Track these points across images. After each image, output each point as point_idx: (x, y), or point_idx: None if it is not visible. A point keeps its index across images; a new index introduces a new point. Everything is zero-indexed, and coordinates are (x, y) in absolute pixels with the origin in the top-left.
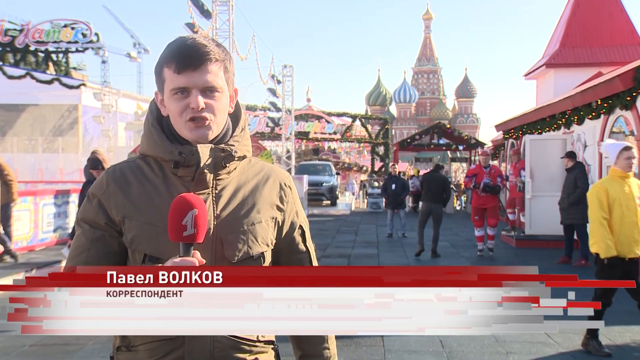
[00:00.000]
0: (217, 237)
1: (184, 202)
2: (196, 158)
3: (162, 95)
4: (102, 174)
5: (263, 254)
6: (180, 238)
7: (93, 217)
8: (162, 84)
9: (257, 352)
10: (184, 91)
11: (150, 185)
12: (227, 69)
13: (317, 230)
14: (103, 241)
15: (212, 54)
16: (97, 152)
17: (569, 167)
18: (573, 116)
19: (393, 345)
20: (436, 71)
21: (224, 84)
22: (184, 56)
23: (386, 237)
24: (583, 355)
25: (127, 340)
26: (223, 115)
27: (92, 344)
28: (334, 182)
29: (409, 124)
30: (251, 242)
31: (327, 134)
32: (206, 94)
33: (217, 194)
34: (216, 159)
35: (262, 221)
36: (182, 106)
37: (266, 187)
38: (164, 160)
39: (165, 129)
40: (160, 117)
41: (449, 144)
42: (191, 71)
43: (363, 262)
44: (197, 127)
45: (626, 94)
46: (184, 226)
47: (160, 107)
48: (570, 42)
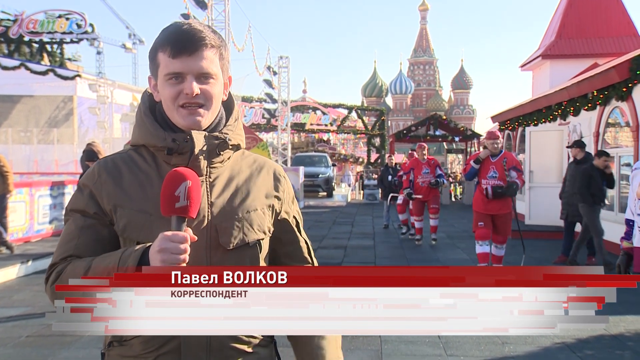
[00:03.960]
0: (212, 225)
1: (177, 174)
2: (190, 145)
3: (156, 80)
4: (94, 164)
5: (259, 242)
6: (173, 210)
7: (83, 206)
8: (156, 69)
9: (255, 344)
10: (178, 76)
11: (143, 175)
12: (223, 56)
13: (314, 222)
14: (93, 229)
15: (208, 40)
16: (92, 144)
17: (580, 158)
18: (569, 107)
19: (389, 336)
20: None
21: (219, 70)
22: (179, 41)
23: (382, 229)
24: (579, 345)
25: None
26: (217, 102)
27: (89, 334)
28: (330, 173)
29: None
30: (246, 229)
31: (323, 125)
32: (201, 80)
33: (211, 183)
34: (210, 146)
35: (258, 209)
36: (175, 91)
37: (260, 176)
38: (157, 148)
39: (158, 117)
40: (152, 107)
41: (445, 135)
42: (186, 56)
43: (359, 253)
44: (190, 114)
45: (622, 85)
46: (176, 197)
47: (153, 92)
48: (566, 33)
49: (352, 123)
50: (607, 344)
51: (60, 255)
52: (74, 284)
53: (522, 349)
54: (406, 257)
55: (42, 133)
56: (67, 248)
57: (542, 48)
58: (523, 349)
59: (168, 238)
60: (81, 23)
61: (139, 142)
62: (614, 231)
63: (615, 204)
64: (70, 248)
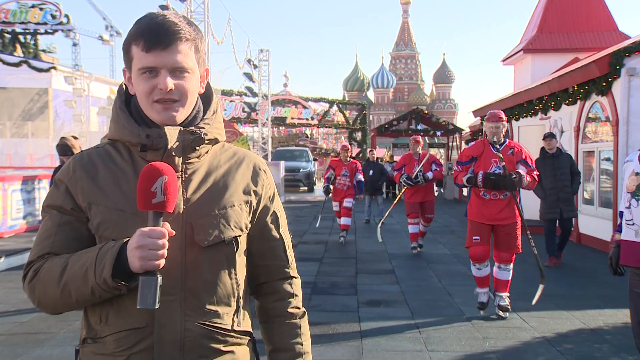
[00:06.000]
0: (187, 222)
1: (153, 169)
2: (164, 141)
3: (130, 73)
4: (69, 159)
5: (236, 239)
6: (149, 206)
7: (60, 202)
8: (129, 62)
9: (232, 342)
10: (152, 71)
11: (119, 171)
12: (198, 49)
13: (294, 217)
14: (70, 226)
15: (183, 33)
16: (66, 138)
17: (555, 151)
18: (550, 102)
19: (370, 331)
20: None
21: (195, 64)
22: (153, 34)
23: (364, 224)
24: (558, 339)
25: (94, 331)
26: (193, 96)
27: (64, 332)
28: (311, 168)
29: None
30: (222, 226)
31: (304, 119)
32: (175, 74)
33: (187, 178)
34: (185, 141)
35: (235, 205)
36: (150, 86)
37: (239, 170)
38: (131, 143)
39: (134, 111)
40: (128, 100)
41: (427, 129)
42: (160, 50)
43: (340, 248)
44: (165, 109)
45: (602, 79)
46: (153, 193)
47: (128, 84)
48: (547, 28)
49: (334, 117)
50: (585, 338)
51: (37, 253)
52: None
53: (502, 343)
54: (387, 252)
55: (15, 126)
56: (44, 246)
57: (524, 42)
58: (503, 343)
59: (146, 234)
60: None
61: (114, 137)
62: (594, 226)
63: (595, 198)
64: (48, 245)
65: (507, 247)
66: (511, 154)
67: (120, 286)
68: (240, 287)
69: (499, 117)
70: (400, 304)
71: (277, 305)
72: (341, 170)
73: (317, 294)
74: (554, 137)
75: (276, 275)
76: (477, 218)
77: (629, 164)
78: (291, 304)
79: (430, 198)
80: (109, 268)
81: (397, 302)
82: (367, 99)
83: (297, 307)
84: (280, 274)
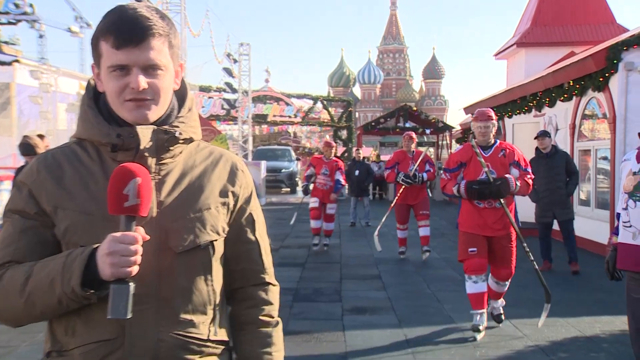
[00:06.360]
0: (161, 226)
1: (125, 171)
2: (136, 140)
3: (99, 70)
4: (32, 160)
5: (212, 244)
6: (121, 210)
7: (23, 206)
8: (98, 59)
9: (208, 353)
10: (123, 69)
11: (86, 172)
12: (172, 44)
13: (276, 220)
14: (34, 231)
15: (156, 29)
16: (29, 137)
17: (550, 150)
18: (544, 98)
19: (355, 340)
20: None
21: (169, 61)
22: (123, 30)
23: (349, 227)
24: (552, 348)
25: (60, 344)
26: (167, 94)
27: (26, 345)
28: (293, 168)
29: (374, 107)
30: (198, 230)
31: (287, 116)
32: (148, 72)
33: (160, 180)
34: (158, 141)
35: (211, 207)
36: (121, 85)
37: (216, 171)
38: (101, 143)
39: (103, 108)
40: (97, 96)
41: (416, 127)
42: (131, 47)
43: (325, 252)
44: (137, 108)
45: (599, 74)
46: (125, 196)
47: (97, 81)
48: (542, 21)
49: (318, 114)
50: (581, 346)
51: None
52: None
53: (494, 352)
54: (374, 256)
55: None
56: (6, 253)
57: (517, 36)
58: (495, 352)
59: (117, 239)
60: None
61: (82, 136)
62: (591, 228)
63: (591, 200)
64: (9, 253)
65: (505, 263)
66: (503, 156)
67: (90, 295)
68: (217, 294)
69: (488, 116)
70: (387, 311)
71: (249, 312)
72: (321, 169)
73: (299, 301)
74: (548, 136)
75: (251, 281)
76: (472, 229)
77: (626, 163)
78: (264, 311)
79: (422, 197)
80: (78, 276)
81: (384, 309)
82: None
83: (271, 316)
84: (255, 280)
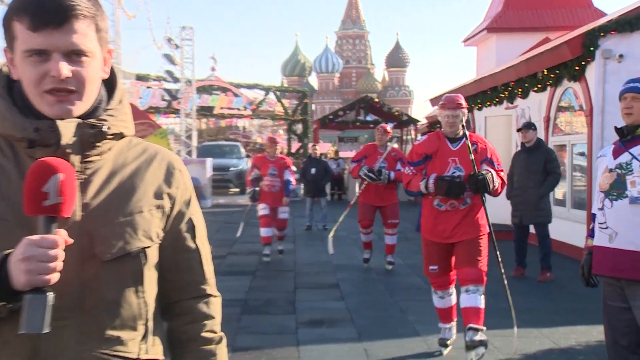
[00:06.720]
0: (86, 231)
1: (44, 166)
2: (56, 135)
3: (13, 54)
4: None
5: (144, 251)
6: (40, 209)
7: None
8: (12, 42)
9: None
10: (41, 54)
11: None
12: (99, 27)
13: (223, 223)
14: None
15: (80, 9)
16: None
17: (533, 144)
18: (517, 88)
19: (310, 356)
20: (363, 36)
21: (95, 46)
22: (41, 10)
23: (304, 230)
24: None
25: None
26: (93, 85)
27: None
28: (243, 166)
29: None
30: (128, 235)
31: (235, 109)
32: (72, 58)
33: (86, 180)
34: (83, 136)
35: (144, 211)
36: (39, 73)
37: (150, 170)
38: (15, 138)
39: (17, 98)
40: (10, 84)
41: (377, 120)
42: (51, 30)
43: (277, 259)
44: (58, 102)
45: (574, 63)
46: (44, 194)
47: (10, 67)
48: (514, 4)
49: (270, 107)
50: (556, 359)
51: None
52: None
53: None
54: (332, 263)
55: None
56: None
57: (488, 20)
58: None
59: (34, 243)
60: None
61: None
62: (566, 229)
63: (567, 199)
64: None
65: (472, 259)
66: (474, 150)
67: (0, 308)
68: (149, 307)
69: (457, 104)
70: (346, 323)
71: (189, 328)
72: (267, 169)
73: (249, 314)
74: (531, 128)
75: (190, 293)
76: (430, 235)
77: (602, 159)
78: (206, 326)
79: (391, 201)
80: None
81: (342, 321)
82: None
83: (214, 331)
84: (195, 292)
